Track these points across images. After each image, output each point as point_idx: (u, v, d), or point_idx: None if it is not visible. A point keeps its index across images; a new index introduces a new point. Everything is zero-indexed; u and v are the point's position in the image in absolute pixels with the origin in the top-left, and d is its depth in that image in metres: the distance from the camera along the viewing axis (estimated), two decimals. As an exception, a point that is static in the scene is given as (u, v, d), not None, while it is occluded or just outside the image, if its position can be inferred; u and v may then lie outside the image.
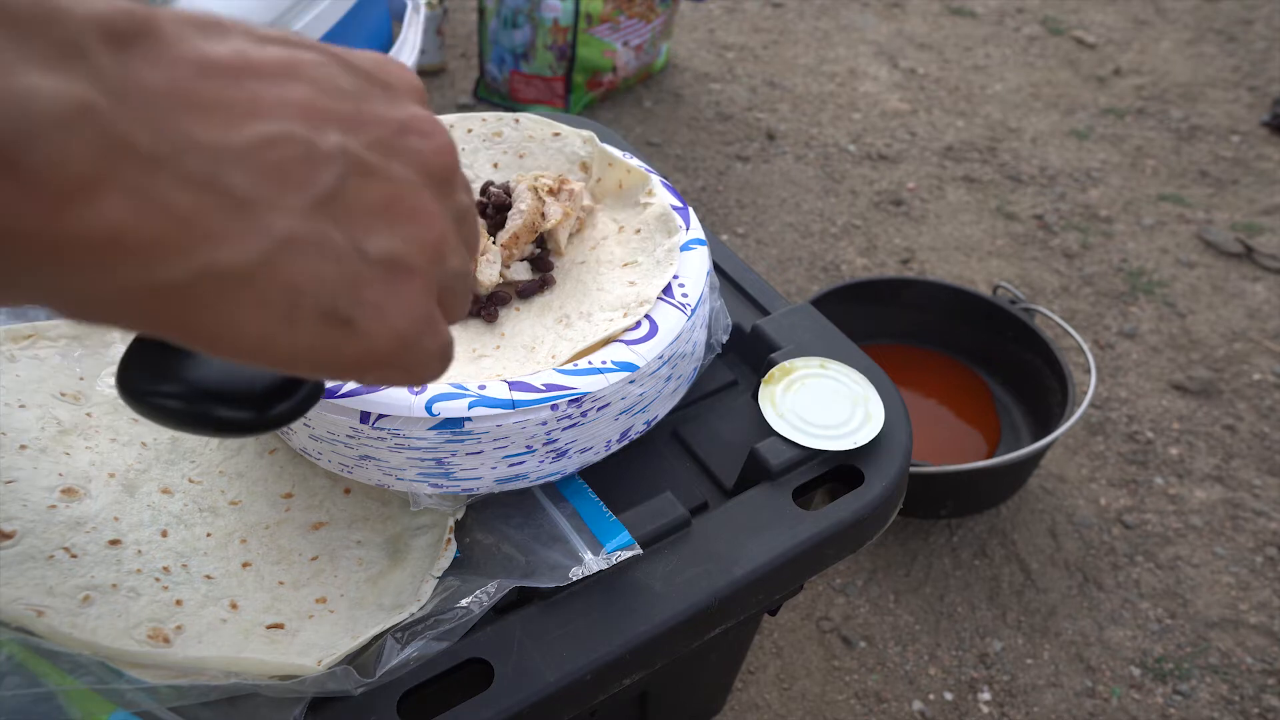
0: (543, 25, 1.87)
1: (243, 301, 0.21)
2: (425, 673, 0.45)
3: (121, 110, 0.19)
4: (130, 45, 0.20)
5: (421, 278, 0.25)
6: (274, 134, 0.22)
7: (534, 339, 0.55)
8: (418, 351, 0.26)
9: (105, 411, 0.56)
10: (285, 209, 0.22)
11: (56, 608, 0.44)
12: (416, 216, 0.25)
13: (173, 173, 0.20)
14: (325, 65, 0.24)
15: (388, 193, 0.24)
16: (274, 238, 0.21)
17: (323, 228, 0.22)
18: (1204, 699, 1.12)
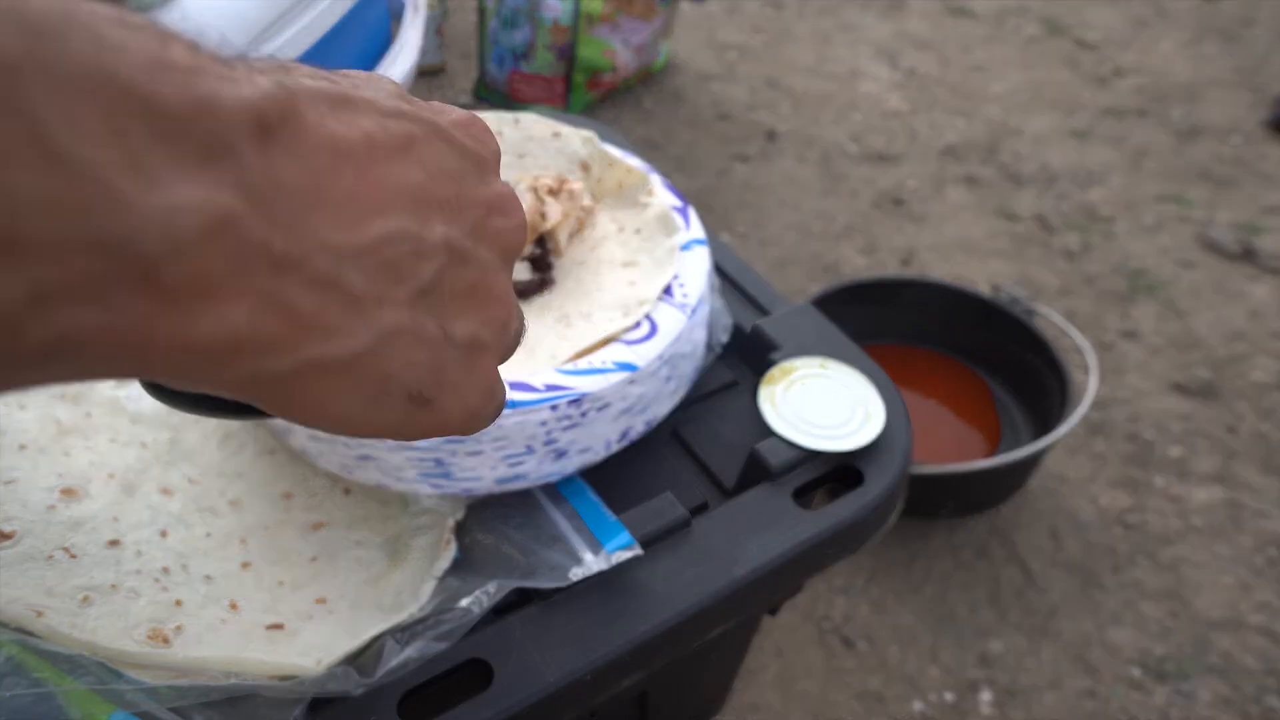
0: (543, 25, 1.87)
1: (338, 387, 0.22)
2: (425, 673, 0.45)
3: (260, 215, 0.19)
4: (275, 137, 0.20)
5: (493, 354, 0.27)
6: (391, 232, 0.22)
7: (534, 339, 0.55)
8: (480, 418, 0.27)
9: (105, 412, 0.56)
10: (392, 302, 0.23)
11: (56, 608, 0.44)
12: (493, 298, 0.26)
13: (299, 275, 0.20)
14: (433, 141, 0.25)
15: (474, 279, 0.26)
16: (379, 331, 0.22)
17: (421, 318, 0.24)
18: (1205, 699, 1.12)
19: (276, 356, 0.20)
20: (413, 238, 0.23)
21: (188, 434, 0.56)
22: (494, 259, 0.26)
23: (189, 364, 0.19)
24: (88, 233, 0.16)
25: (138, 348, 0.18)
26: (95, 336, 0.17)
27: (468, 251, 0.25)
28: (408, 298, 0.23)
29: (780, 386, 0.59)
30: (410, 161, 0.23)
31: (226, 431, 0.56)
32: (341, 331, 0.21)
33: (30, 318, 0.16)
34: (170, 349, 0.19)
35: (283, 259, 0.20)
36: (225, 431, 0.56)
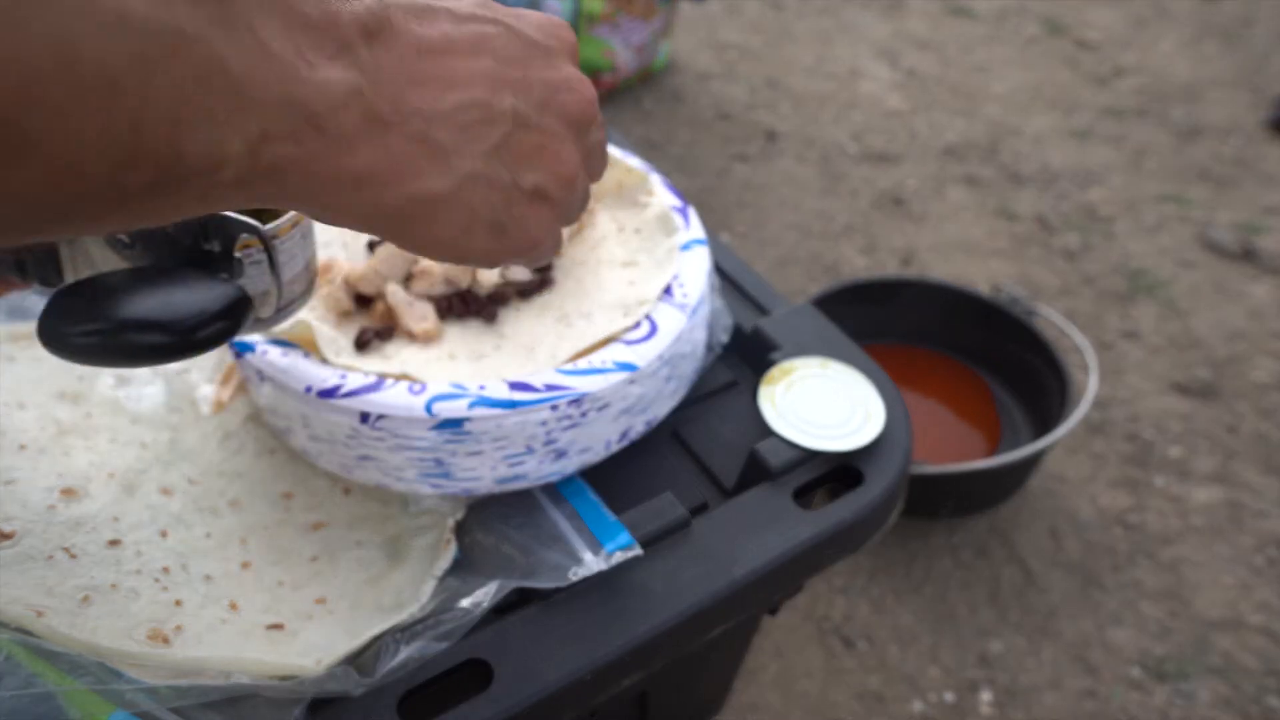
0: (543, 25, 1.87)
1: (438, 217, 0.31)
2: (425, 673, 0.45)
3: (373, 90, 0.28)
4: (375, 37, 0.28)
5: (555, 204, 0.35)
6: (466, 101, 0.31)
7: (534, 339, 0.55)
8: (542, 251, 0.36)
9: (105, 412, 0.56)
10: (470, 155, 0.31)
11: (56, 608, 0.44)
12: (559, 159, 0.34)
13: (401, 132, 0.29)
14: (504, 36, 0.33)
15: (539, 141, 0.33)
16: (461, 175, 0.31)
17: (494, 168, 0.32)
18: (1205, 699, 1.12)
19: (392, 189, 0.29)
20: (483, 106, 0.31)
21: (188, 434, 0.56)
22: (560, 127, 0.34)
23: (342, 190, 0.28)
24: (284, 95, 0.26)
25: (314, 174, 0.27)
26: (292, 164, 0.27)
27: (533, 120, 0.33)
28: (483, 152, 0.32)
29: (780, 386, 0.59)
30: (482, 53, 0.32)
31: (227, 431, 0.56)
32: (433, 173, 0.30)
33: (260, 148, 0.26)
34: (332, 175, 0.28)
35: (389, 119, 0.29)
36: (225, 431, 0.56)
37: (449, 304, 0.56)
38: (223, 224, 0.37)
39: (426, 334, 0.54)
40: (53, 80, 0.21)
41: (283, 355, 0.50)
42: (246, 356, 0.51)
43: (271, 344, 0.51)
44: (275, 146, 0.26)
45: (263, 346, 0.51)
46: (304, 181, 0.28)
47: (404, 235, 0.31)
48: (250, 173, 0.26)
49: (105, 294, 0.33)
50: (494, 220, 0.33)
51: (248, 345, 0.51)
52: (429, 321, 0.54)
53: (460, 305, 0.56)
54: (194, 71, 0.24)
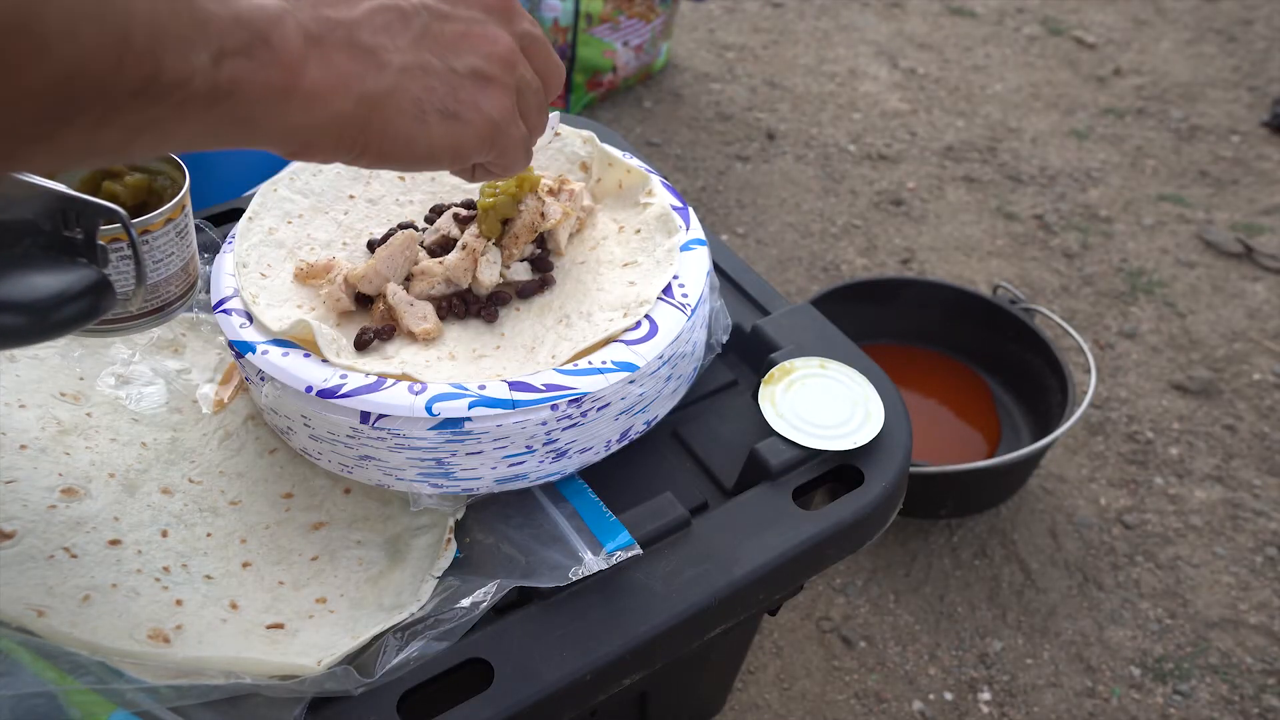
0: (543, 25, 1.87)
1: (389, 114, 0.34)
2: (425, 673, 0.45)
3: (297, 10, 0.32)
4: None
5: (499, 81, 0.37)
6: (375, 6, 0.35)
7: (534, 339, 0.55)
8: (506, 136, 0.38)
9: (105, 411, 0.56)
10: (396, 49, 0.35)
11: (56, 608, 0.44)
12: (487, 39, 0.37)
13: (331, 43, 0.33)
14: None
15: (461, 28, 0.37)
16: (395, 68, 0.34)
17: (424, 57, 0.35)
18: (1204, 699, 1.12)
19: (339, 96, 0.33)
20: (393, 8, 0.35)
21: (188, 434, 0.56)
22: (479, 14, 0.37)
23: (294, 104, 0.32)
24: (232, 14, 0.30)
25: (270, 90, 0.31)
26: (249, 80, 0.30)
27: (446, 11, 0.36)
28: (408, 44, 0.35)
29: (780, 386, 0.59)
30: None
31: (227, 431, 0.56)
32: (370, 73, 0.34)
33: (221, 62, 0.29)
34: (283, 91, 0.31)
35: (319, 35, 0.33)
36: (226, 431, 0.56)
37: (449, 304, 0.56)
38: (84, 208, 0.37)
39: (426, 334, 0.54)
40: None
41: (283, 355, 0.50)
42: (247, 356, 0.51)
43: (272, 344, 0.51)
44: (234, 60, 0.30)
45: (263, 346, 0.51)
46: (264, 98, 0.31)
47: (368, 144, 0.34)
48: (217, 86, 0.30)
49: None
50: (443, 106, 0.36)
51: (248, 345, 0.51)
52: (429, 321, 0.54)
53: (460, 305, 0.56)
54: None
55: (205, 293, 0.64)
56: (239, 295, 0.54)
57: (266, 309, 0.53)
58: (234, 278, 0.55)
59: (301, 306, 0.55)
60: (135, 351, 0.60)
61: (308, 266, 0.57)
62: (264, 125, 0.32)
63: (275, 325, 0.52)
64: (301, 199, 0.61)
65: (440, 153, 0.36)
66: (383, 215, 0.62)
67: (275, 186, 0.61)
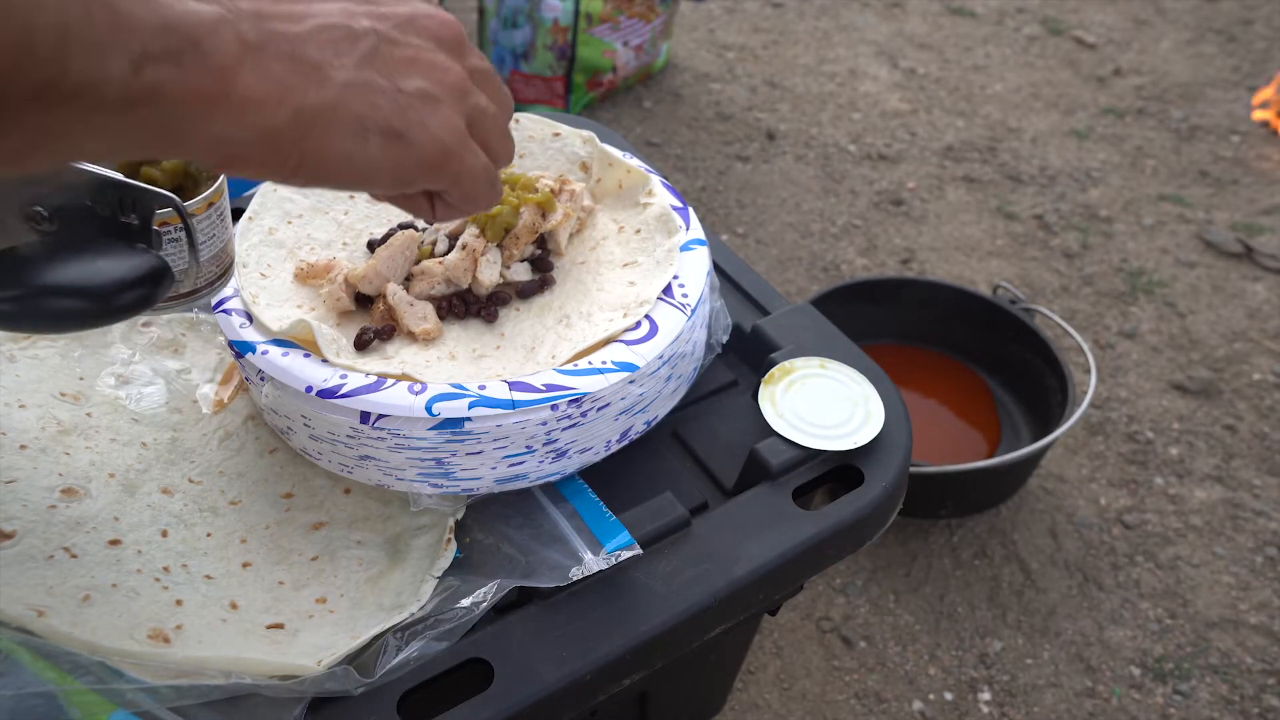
0: (543, 25, 1.87)
1: (327, 130, 0.32)
2: (425, 673, 0.45)
3: (239, 20, 0.30)
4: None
5: (449, 105, 0.35)
6: (324, 23, 0.33)
7: (534, 339, 0.55)
8: (461, 162, 0.36)
9: (105, 411, 0.56)
10: (342, 66, 0.32)
11: (56, 608, 0.44)
12: (436, 66, 0.35)
13: (271, 53, 0.31)
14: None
15: (411, 54, 0.35)
16: (338, 84, 0.32)
17: (370, 75, 0.33)
18: (1204, 699, 1.12)
19: (274, 108, 0.31)
20: (343, 26, 0.33)
21: (188, 434, 0.56)
22: (428, 43, 0.35)
23: (226, 114, 0.30)
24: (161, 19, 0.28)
25: (197, 98, 0.29)
26: (174, 87, 0.28)
27: (396, 37, 0.35)
28: (355, 62, 0.33)
29: (780, 386, 0.59)
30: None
31: (227, 431, 0.56)
32: (312, 87, 0.31)
33: (142, 67, 0.27)
34: (217, 102, 0.29)
35: (259, 44, 0.30)
36: (226, 431, 0.56)
37: (449, 304, 0.56)
38: (141, 196, 0.38)
39: (426, 334, 0.54)
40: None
41: (283, 355, 0.50)
42: (247, 356, 0.51)
43: (272, 344, 0.51)
44: (157, 66, 0.28)
45: (263, 346, 0.51)
46: (189, 106, 0.29)
47: (302, 161, 0.32)
48: (134, 93, 0.27)
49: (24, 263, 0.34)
50: (387, 125, 0.33)
51: (248, 345, 0.51)
52: (429, 321, 0.54)
53: (460, 305, 0.56)
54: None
55: (205, 293, 0.64)
56: (239, 295, 0.54)
57: (266, 309, 0.53)
58: (234, 278, 0.55)
59: (301, 306, 0.55)
60: (135, 351, 0.60)
61: (308, 266, 0.57)
62: (189, 135, 0.30)
63: (275, 325, 0.52)
64: (302, 199, 0.61)
65: (379, 173, 0.34)
66: (383, 215, 0.62)
67: (275, 186, 0.61)
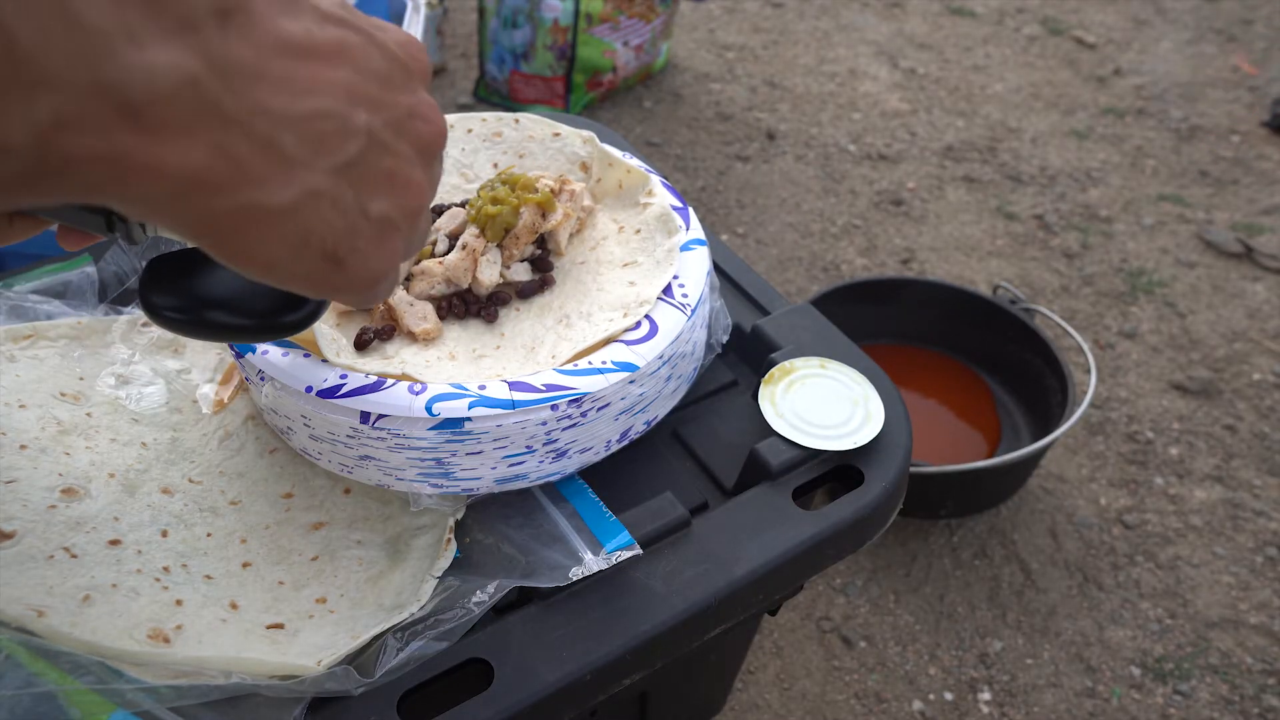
0: (543, 25, 1.87)
1: (267, 233, 0.27)
2: (425, 673, 0.45)
3: (217, 80, 0.24)
4: (230, 19, 0.25)
5: (401, 236, 0.32)
6: (322, 110, 0.27)
7: (534, 339, 0.55)
8: (377, 290, 0.33)
9: (105, 411, 0.56)
10: (318, 169, 0.28)
11: (56, 608, 0.44)
12: (409, 188, 0.31)
13: (244, 130, 0.25)
14: (365, 48, 0.30)
15: (391, 166, 0.31)
16: (304, 189, 0.27)
17: (339, 189, 0.29)
18: (1204, 699, 1.12)
19: (222, 195, 0.26)
20: (339, 118, 0.28)
21: (188, 433, 0.56)
22: (412, 154, 0.31)
23: (157, 192, 0.25)
24: (93, 77, 0.22)
25: (122, 171, 0.24)
26: (94, 157, 0.23)
27: (388, 142, 0.30)
28: (332, 168, 0.28)
29: (780, 386, 0.59)
30: (344, 61, 0.29)
31: (227, 431, 0.56)
32: (273, 183, 0.27)
33: (51, 137, 0.22)
34: (144, 176, 0.24)
35: (231, 116, 0.25)
36: (226, 431, 0.56)
37: (449, 304, 0.56)
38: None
39: (426, 334, 0.54)
40: None
41: (283, 355, 0.50)
42: (247, 356, 0.51)
43: (272, 344, 0.51)
44: (72, 136, 0.22)
45: (263, 346, 0.51)
46: (112, 179, 0.24)
47: (221, 245, 0.27)
48: (38, 166, 0.23)
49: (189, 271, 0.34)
50: (331, 250, 0.29)
51: (248, 345, 0.51)
52: (429, 321, 0.54)
53: (460, 305, 0.56)
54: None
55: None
56: (239, 295, 0.54)
57: (266, 309, 0.53)
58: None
59: (301, 306, 0.55)
60: (135, 351, 0.60)
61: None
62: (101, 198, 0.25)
63: (275, 325, 0.52)
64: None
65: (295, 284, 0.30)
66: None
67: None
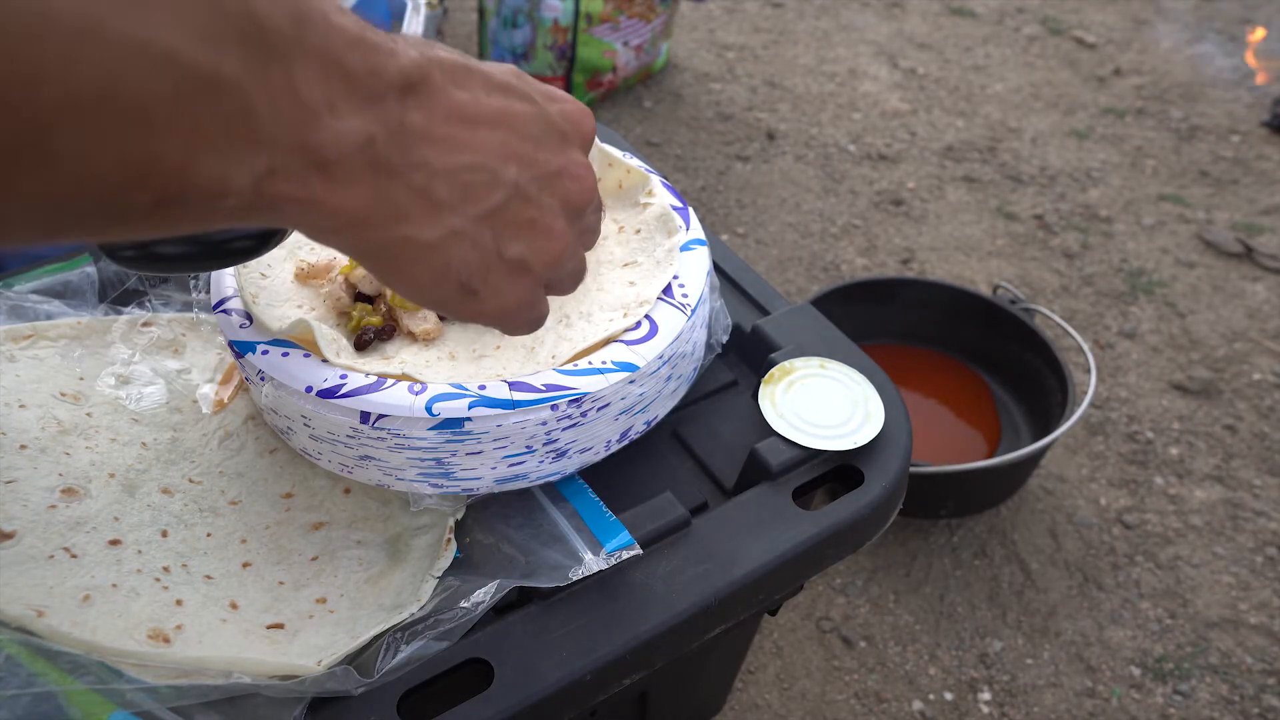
0: (543, 25, 1.87)
1: (415, 262, 0.33)
2: (425, 673, 0.45)
3: (389, 141, 0.30)
4: (412, 93, 0.30)
5: (535, 277, 0.36)
6: (474, 164, 0.32)
7: (534, 339, 0.55)
8: (516, 320, 0.37)
9: (105, 411, 0.56)
10: (463, 214, 0.32)
11: (56, 608, 0.44)
12: (549, 235, 0.35)
13: (403, 180, 0.31)
14: (528, 115, 0.34)
15: (533, 216, 0.35)
16: (448, 230, 0.32)
17: (481, 232, 0.33)
18: (1204, 699, 1.12)
19: (377, 230, 0.31)
20: (489, 172, 0.33)
21: (188, 433, 0.56)
22: (556, 206, 0.35)
23: (328, 225, 0.30)
24: (300, 140, 0.27)
25: (310, 209, 0.29)
26: (291, 198, 0.28)
27: (532, 195, 0.34)
28: (475, 215, 0.33)
29: (780, 386, 0.59)
30: (503, 125, 0.33)
31: (227, 431, 0.56)
32: (421, 223, 0.32)
33: (264, 184, 0.27)
34: (325, 213, 0.30)
35: (395, 169, 0.30)
36: (226, 431, 0.56)
37: (449, 304, 0.56)
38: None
39: (426, 334, 0.54)
40: (91, 108, 0.23)
41: (283, 355, 0.50)
42: (247, 356, 0.51)
43: (272, 344, 0.51)
44: (279, 184, 0.28)
45: (263, 346, 0.51)
46: (300, 214, 0.29)
47: (378, 267, 0.33)
48: (251, 204, 0.28)
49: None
50: (467, 282, 0.34)
51: (248, 345, 0.51)
52: (429, 321, 0.54)
53: (460, 305, 0.56)
54: (222, 112, 0.25)
55: (205, 293, 0.64)
56: (239, 295, 0.54)
57: (266, 309, 0.53)
58: (234, 278, 0.55)
59: (301, 306, 0.55)
60: (135, 351, 0.60)
61: (308, 266, 0.57)
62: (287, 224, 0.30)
63: (275, 325, 0.52)
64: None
65: (436, 306, 0.35)
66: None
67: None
